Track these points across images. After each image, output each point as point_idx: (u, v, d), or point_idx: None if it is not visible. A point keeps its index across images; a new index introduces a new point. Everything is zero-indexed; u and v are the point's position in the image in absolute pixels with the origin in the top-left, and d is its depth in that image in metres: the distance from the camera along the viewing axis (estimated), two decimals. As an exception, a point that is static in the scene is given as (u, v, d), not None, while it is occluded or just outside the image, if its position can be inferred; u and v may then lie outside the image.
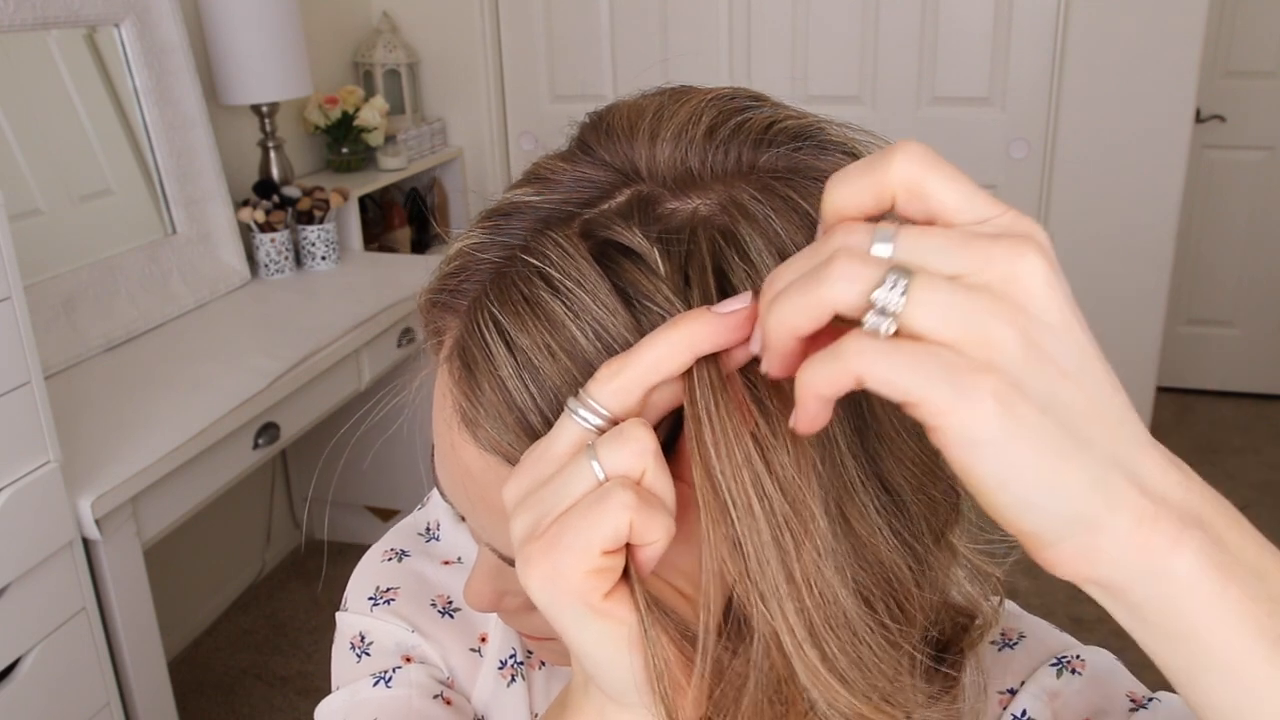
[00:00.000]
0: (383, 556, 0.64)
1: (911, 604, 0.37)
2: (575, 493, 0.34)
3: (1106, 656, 0.53)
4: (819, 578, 0.34)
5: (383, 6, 2.84)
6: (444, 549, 0.65)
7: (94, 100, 1.98)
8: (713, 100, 0.42)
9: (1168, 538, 0.30)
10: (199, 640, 2.36)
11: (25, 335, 1.29)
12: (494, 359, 0.38)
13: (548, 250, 0.38)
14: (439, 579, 0.63)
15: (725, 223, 0.38)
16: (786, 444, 0.34)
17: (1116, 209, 2.62)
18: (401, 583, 0.62)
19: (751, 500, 0.33)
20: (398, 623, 0.61)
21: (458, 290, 0.41)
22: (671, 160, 0.40)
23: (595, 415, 0.34)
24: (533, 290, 0.38)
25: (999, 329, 0.28)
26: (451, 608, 0.62)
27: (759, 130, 0.41)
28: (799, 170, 0.40)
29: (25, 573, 1.32)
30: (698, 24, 2.74)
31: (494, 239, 0.41)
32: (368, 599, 0.62)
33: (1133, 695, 0.50)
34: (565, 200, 0.41)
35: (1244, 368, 3.31)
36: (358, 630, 0.61)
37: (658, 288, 0.37)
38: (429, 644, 0.60)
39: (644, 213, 0.39)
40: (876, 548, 0.36)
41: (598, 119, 0.43)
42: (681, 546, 0.36)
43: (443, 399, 0.42)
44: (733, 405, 0.34)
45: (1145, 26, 2.47)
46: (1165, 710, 0.48)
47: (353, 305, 2.09)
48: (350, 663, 0.61)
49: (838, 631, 0.34)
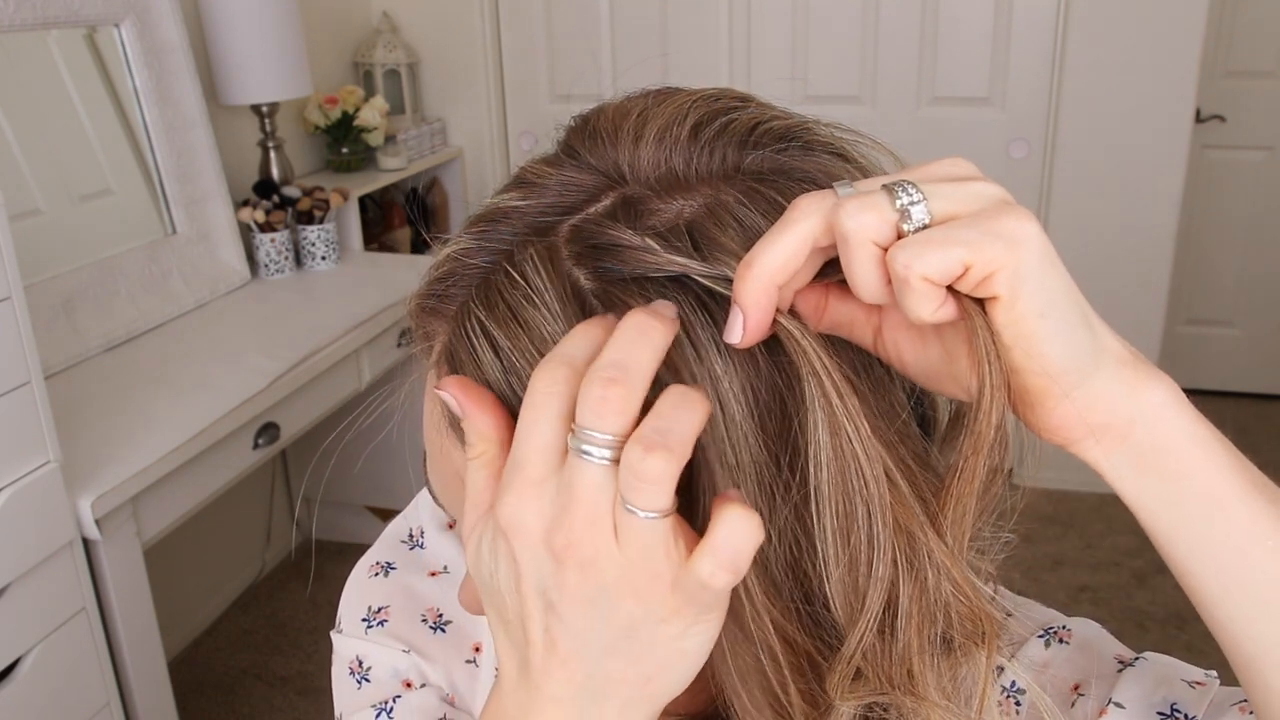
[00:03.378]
0: (370, 571, 0.64)
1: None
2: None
3: (1093, 625, 0.54)
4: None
5: (383, 6, 2.84)
6: (430, 558, 0.64)
7: (94, 100, 1.98)
8: (698, 101, 0.42)
9: (1143, 374, 0.36)
10: (199, 640, 2.36)
11: (25, 335, 1.29)
12: (481, 364, 0.39)
13: (530, 259, 0.39)
14: (427, 592, 0.62)
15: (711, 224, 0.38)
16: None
17: (1116, 209, 2.62)
18: (391, 600, 0.62)
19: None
20: (393, 645, 0.60)
21: (446, 295, 0.42)
22: (655, 162, 0.40)
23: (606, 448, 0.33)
24: (514, 298, 0.38)
25: (1006, 200, 0.35)
26: (443, 622, 0.61)
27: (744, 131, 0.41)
28: (784, 172, 0.40)
29: (25, 573, 1.32)
30: (698, 24, 2.74)
31: (481, 244, 0.41)
32: (361, 620, 0.62)
33: (1120, 657, 0.51)
34: (551, 205, 0.41)
35: (1244, 368, 3.31)
36: (354, 654, 0.61)
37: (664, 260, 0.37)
38: (426, 662, 0.60)
39: (630, 214, 0.39)
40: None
41: (583, 122, 0.43)
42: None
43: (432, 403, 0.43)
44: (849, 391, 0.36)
45: (1145, 26, 2.47)
46: (1153, 666, 0.50)
47: (353, 305, 2.09)
48: (351, 689, 0.61)
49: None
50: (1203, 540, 0.36)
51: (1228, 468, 0.36)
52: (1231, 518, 0.36)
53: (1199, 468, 0.36)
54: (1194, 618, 2.37)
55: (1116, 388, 0.36)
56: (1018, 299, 0.33)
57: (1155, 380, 0.36)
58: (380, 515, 2.62)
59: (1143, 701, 0.48)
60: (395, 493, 2.53)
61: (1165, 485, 0.36)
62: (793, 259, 0.35)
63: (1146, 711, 0.47)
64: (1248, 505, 0.36)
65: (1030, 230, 0.33)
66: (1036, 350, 0.34)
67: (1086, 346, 0.35)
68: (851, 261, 0.34)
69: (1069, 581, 2.47)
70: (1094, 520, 2.65)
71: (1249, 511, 0.36)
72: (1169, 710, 0.47)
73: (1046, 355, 0.35)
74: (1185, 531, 0.36)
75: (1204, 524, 0.36)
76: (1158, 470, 0.36)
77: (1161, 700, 0.48)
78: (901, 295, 0.33)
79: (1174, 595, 2.37)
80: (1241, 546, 0.36)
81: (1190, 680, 0.49)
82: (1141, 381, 0.36)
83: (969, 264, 0.33)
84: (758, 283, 0.34)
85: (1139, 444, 0.36)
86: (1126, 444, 0.36)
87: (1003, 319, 0.34)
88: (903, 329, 0.38)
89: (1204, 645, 2.20)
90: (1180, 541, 0.36)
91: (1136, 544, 2.55)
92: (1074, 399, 0.35)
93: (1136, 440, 0.36)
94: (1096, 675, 0.50)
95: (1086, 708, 0.48)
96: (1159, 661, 0.51)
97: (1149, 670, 0.50)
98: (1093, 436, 0.36)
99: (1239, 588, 0.36)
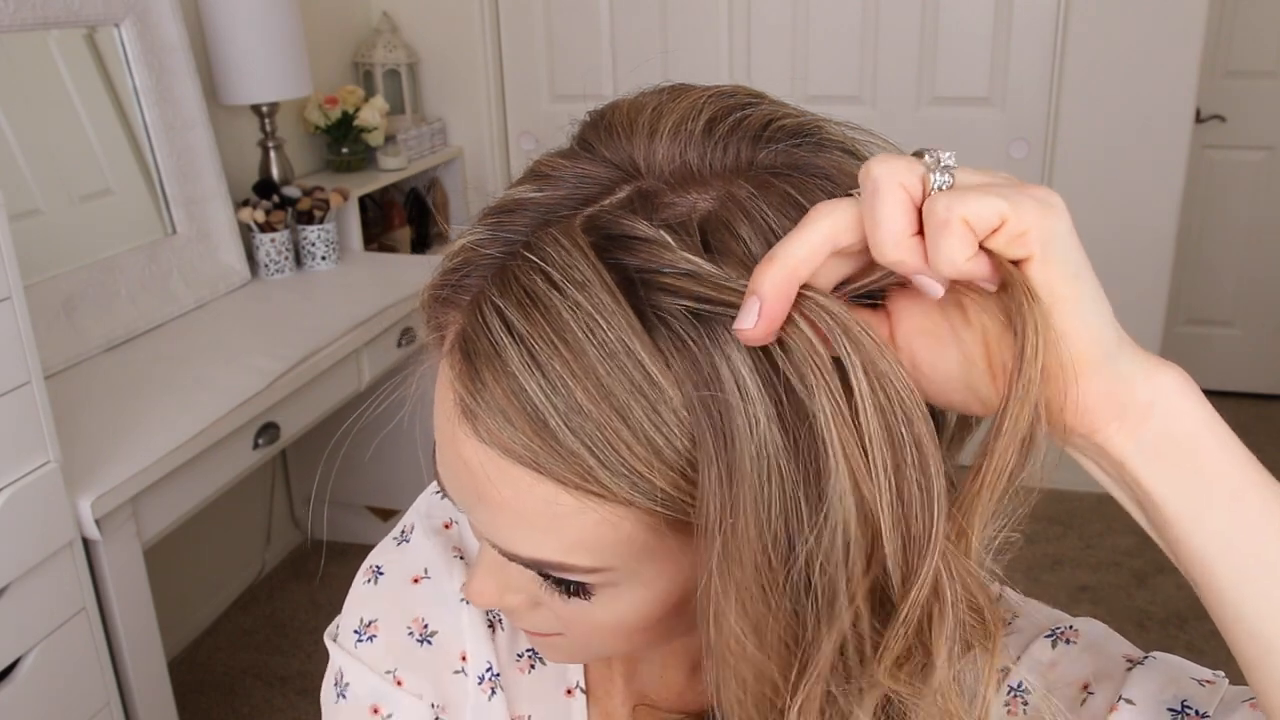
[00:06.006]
0: (364, 576, 0.63)
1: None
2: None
3: (1099, 625, 0.54)
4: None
5: (383, 6, 2.84)
6: (412, 559, 0.62)
7: (94, 100, 1.98)
8: (712, 97, 0.42)
9: (1154, 359, 0.37)
10: (199, 640, 2.36)
11: (25, 335, 1.29)
12: (497, 350, 0.39)
13: (548, 246, 0.39)
14: (410, 601, 0.61)
15: (724, 219, 0.38)
16: None
17: (1116, 209, 2.61)
18: (380, 613, 0.61)
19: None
20: (377, 664, 0.59)
21: (460, 285, 0.42)
22: (670, 156, 0.40)
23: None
24: (533, 284, 0.38)
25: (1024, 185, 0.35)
26: (428, 633, 0.60)
27: (758, 127, 0.41)
28: (797, 167, 0.40)
29: (25, 573, 1.32)
30: (698, 24, 2.74)
31: (496, 235, 0.41)
32: (353, 633, 0.61)
33: (1129, 656, 0.51)
34: (567, 197, 0.41)
35: (1244, 368, 3.31)
36: (339, 666, 0.60)
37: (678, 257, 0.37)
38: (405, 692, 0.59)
39: (645, 206, 0.39)
40: None
41: (598, 116, 0.44)
42: None
43: (444, 393, 0.42)
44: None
45: (1145, 26, 2.47)
46: (1162, 665, 0.50)
47: (353, 305, 2.09)
48: (330, 700, 0.60)
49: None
50: (1223, 527, 0.36)
51: (1242, 456, 0.36)
52: (1250, 506, 0.36)
53: (1217, 455, 0.36)
54: (1194, 617, 2.37)
55: (1135, 369, 0.36)
56: (1051, 258, 0.34)
57: (1167, 365, 0.37)
58: (381, 515, 2.62)
59: (1154, 698, 0.47)
60: (396, 493, 2.53)
61: (1186, 471, 0.36)
62: (816, 253, 0.35)
63: (1157, 708, 0.47)
64: (1261, 494, 0.36)
65: (1059, 200, 0.34)
66: (1071, 311, 0.35)
67: (1111, 320, 0.36)
68: (880, 206, 0.34)
69: (1069, 581, 2.47)
70: (1094, 520, 2.65)
71: (1262, 500, 0.36)
72: (1180, 707, 0.47)
73: (1085, 317, 0.35)
74: (1206, 519, 0.36)
75: (1224, 511, 0.36)
76: (1177, 456, 0.36)
77: (1172, 697, 0.47)
78: (938, 240, 0.34)
79: (1174, 595, 2.37)
80: (1259, 535, 0.35)
81: (1200, 679, 0.49)
82: (1155, 365, 0.36)
83: (1006, 217, 0.33)
84: (780, 272, 0.35)
85: (1157, 429, 0.36)
86: (1146, 428, 0.36)
87: (1039, 276, 0.34)
88: (919, 333, 0.38)
89: (1205, 645, 2.20)
90: (1198, 531, 0.36)
91: (1136, 544, 2.55)
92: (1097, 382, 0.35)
93: (1155, 425, 0.36)
94: (1105, 674, 0.50)
95: (1096, 705, 0.48)
96: (1168, 660, 0.50)
97: (1158, 668, 0.49)
98: (1119, 419, 0.36)
99: (1255, 580, 0.35)
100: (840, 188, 0.40)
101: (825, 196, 0.39)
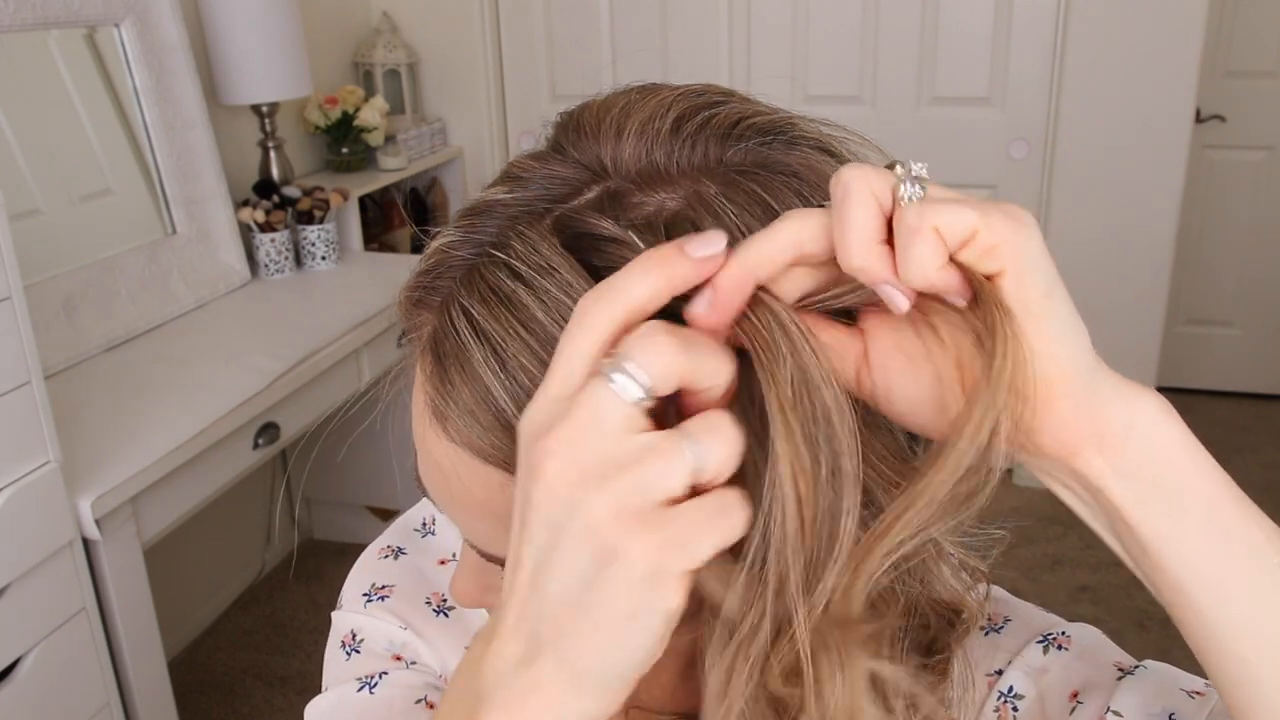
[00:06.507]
0: (380, 554, 0.64)
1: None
2: (674, 486, 0.31)
3: (1092, 631, 0.54)
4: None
5: (383, 6, 2.84)
6: (439, 545, 0.65)
7: (94, 100, 1.98)
8: (680, 96, 0.42)
9: (1130, 383, 0.35)
10: (199, 640, 2.36)
11: (25, 335, 1.29)
12: (463, 348, 0.39)
13: (514, 242, 0.39)
14: (435, 576, 0.63)
15: (691, 218, 0.38)
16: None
17: (1116, 209, 2.61)
18: (397, 580, 0.62)
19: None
20: (391, 619, 0.60)
21: (432, 287, 0.42)
22: (636, 155, 0.40)
23: (638, 385, 0.32)
24: (499, 280, 0.39)
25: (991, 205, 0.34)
26: (446, 606, 0.61)
27: (726, 125, 0.41)
28: (765, 165, 0.40)
29: (25, 573, 1.32)
30: (697, 24, 2.74)
31: (467, 237, 0.42)
32: (362, 595, 0.62)
33: (1120, 665, 0.51)
34: (537, 197, 0.41)
35: (1244, 368, 3.31)
36: (349, 628, 0.61)
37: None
38: (422, 642, 0.60)
39: (614, 206, 0.39)
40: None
41: (568, 117, 0.44)
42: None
43: (418, 395, 0.43)
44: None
45: (1145, 26, 2.47)
46: (1152, 675, 0.50)
47: (353, 305, 2.09)
48: (340, 661, 0.61)
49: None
50: (1202, 550, 0.35)
51: (1220, 480, 0.36)
52: (1229, 528, 0.35)
53: (1196, 479, 0.35)
54: (1194, 618, 2.39)
55: (1113, 392, 0.35)
56: (1024, 274, 0.33)
57: (1144, 389, 0.36)
58: (380, 515, 2.62)
59: (1141, 710, 0.47)
60: (396, 493, 2.53)
61: (1165, 495, 0.35)
62: (779, 254, 0.34)
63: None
64: (1240, 517, 0.35)
65: (1030, 217, 0.34)
66: (1045, 329, 0.34)
67: (1087, 343, 0.35)
68: (849, 211, 0.33)
69: (1069, 581, 2.47)
70: (1094, 520, 2.64)
71: (1242, 523, 0.35)
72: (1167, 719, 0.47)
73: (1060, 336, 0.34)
74: (1185, 542, 0.35)
75: (1203, 535, 0.35)
76: (1157, 480, 0.35)
77: (1160, 710, 0.47)
78: (908, 247, 0.33)
79: (1174, 595, 2.37)
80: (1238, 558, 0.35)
81: (1190, 690, 0.48)
82: (1132, 389, 0.35)
83: (977, 229, 0.33)
84: (738, 266, 0.34)
85: (1136, 453, 0.35)
86: (1125, 452, 0.35)
87: (1012, 292, 0.33)
88: (893, 351, 0.37)
89: (1204, 645, 2.20)
90: (1177, 554, 0.35)
91: (1136, 544, 2.55)
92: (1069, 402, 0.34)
93: (1133, 449, 0.35)
94: (1095, 683, 0.49)
95: (1085, 716, 0.48)
96: (1159, 670, 0.50)
97: (1148, 679, 0.49)
98: (1096, 443, 0.35)
99: (1235, 601, 0.35)
100: (809, 185, 0.40)
101: (793, 195, 0.39)
